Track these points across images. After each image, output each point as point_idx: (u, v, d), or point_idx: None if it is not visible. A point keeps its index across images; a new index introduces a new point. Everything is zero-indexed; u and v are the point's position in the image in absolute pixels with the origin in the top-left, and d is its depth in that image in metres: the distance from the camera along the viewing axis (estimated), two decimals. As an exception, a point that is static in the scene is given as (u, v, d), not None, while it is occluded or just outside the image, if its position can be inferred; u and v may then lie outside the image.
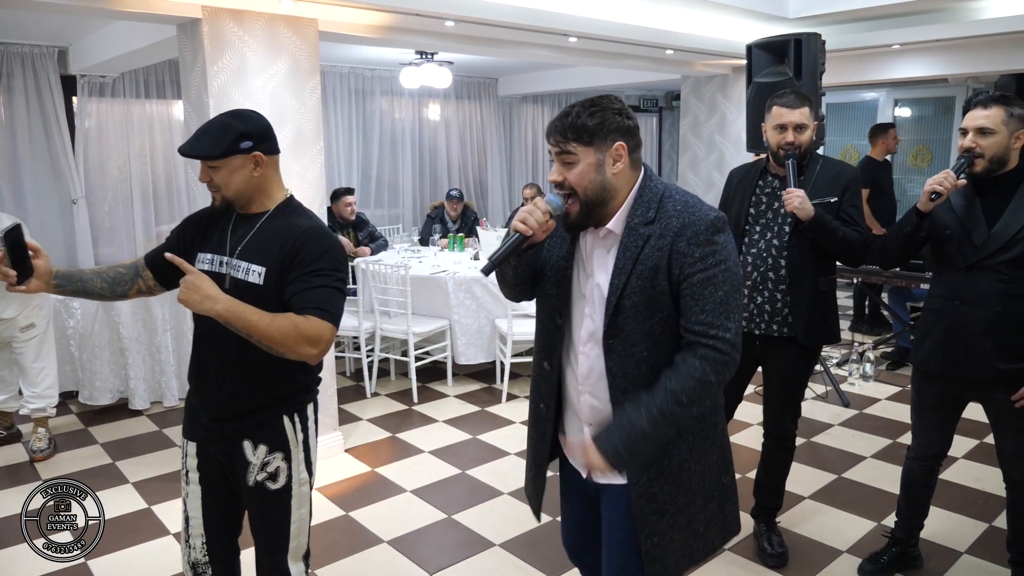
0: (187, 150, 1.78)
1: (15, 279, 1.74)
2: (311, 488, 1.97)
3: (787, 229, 2.63)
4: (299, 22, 3.57)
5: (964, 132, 2.35)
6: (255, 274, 1.78)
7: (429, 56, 6.33)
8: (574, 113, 1.55)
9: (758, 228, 2.70)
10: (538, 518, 1.92)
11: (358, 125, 7.53)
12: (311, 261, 1.75)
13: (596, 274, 1.63)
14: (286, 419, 1.87)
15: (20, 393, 4.06)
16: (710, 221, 1.53)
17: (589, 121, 1.53)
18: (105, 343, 4.48)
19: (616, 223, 1.60)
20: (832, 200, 2.61)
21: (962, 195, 2.40)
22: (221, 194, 1.82)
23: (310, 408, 1.95)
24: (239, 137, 1.77)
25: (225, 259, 1.84)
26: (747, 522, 3.09)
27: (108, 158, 5.92)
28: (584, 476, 1.75)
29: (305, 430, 1.92)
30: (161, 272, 1.95)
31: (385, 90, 7.65)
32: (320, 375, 1.99)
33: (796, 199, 2.50)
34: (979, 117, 2.30)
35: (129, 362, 4.49)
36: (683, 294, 1.53)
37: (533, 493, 1.88)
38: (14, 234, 1.73)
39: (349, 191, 5.88)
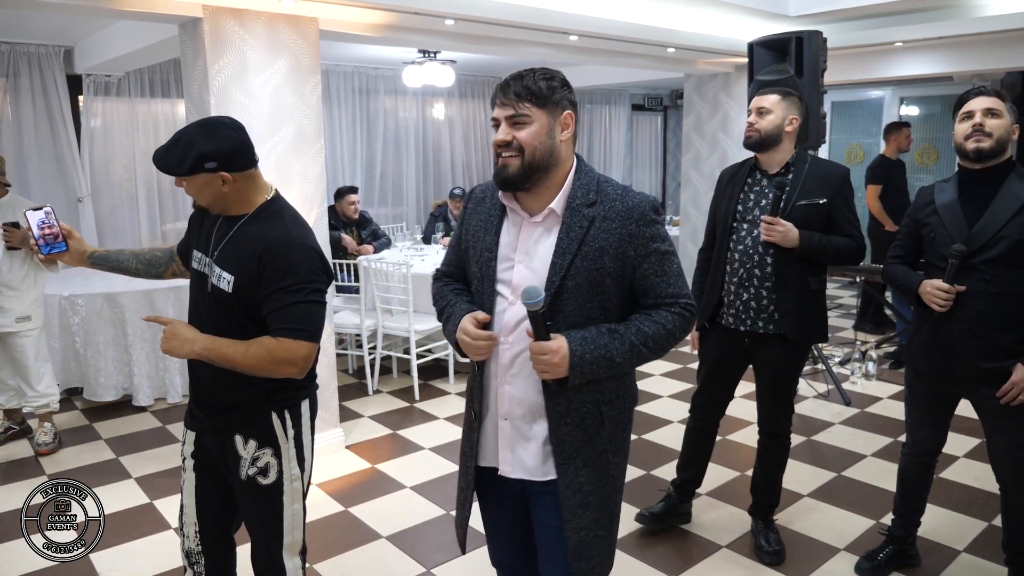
0: (156, 162, 1.77)
1: (39, 249, 1.93)
2: (305, 484, 1.97)
3: None
4: (300, 21, 3.59)
5: (968, 115, 2.32)
6: (225, 282, 1.78)
7: (432, 55, 6.35)
8: (529, 77, 1.55)
9: (745, 225, 2.71)
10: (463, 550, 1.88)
11: (362, 123, 7.55)
12: (280, 277, 1.72)
13: (531, 258, 1.61)
14: (275, 415, 1.87)
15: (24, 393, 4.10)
16: (651, 204, 1.60)
17: (543, 85, 1.55)
18: (109, 340, 4.52)
19: (558, 203, 1.60)
20: (821, 201, 2.61)
21: (946, 194, 2.41)
22: (195, 200, 1.86)
23: (305, 404, 1.94)
24: (201, 158, 1.72)
25: (207, 260, 1.85)
26: (745, 519, 3.11)
27: (113, 157, 5.97)
28: (510, 476, 1.70)
29: (297, 427, 1.91)
30: (185, 260, 2.02)
31: (389, 89, 7.67)
32: (315, 372, 1.98)
33: (778, 230, 2.55)
34: (985, 100, 2.30)
35: (133, 359, 4.53)
36: (645, 273, 1.60)
37: (462, 521, 1.82)
38: (38, 213, 1.92)
39: (353, 189, 5.90)
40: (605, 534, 1.67)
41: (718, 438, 3.15)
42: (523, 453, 1.67)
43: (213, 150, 1.73)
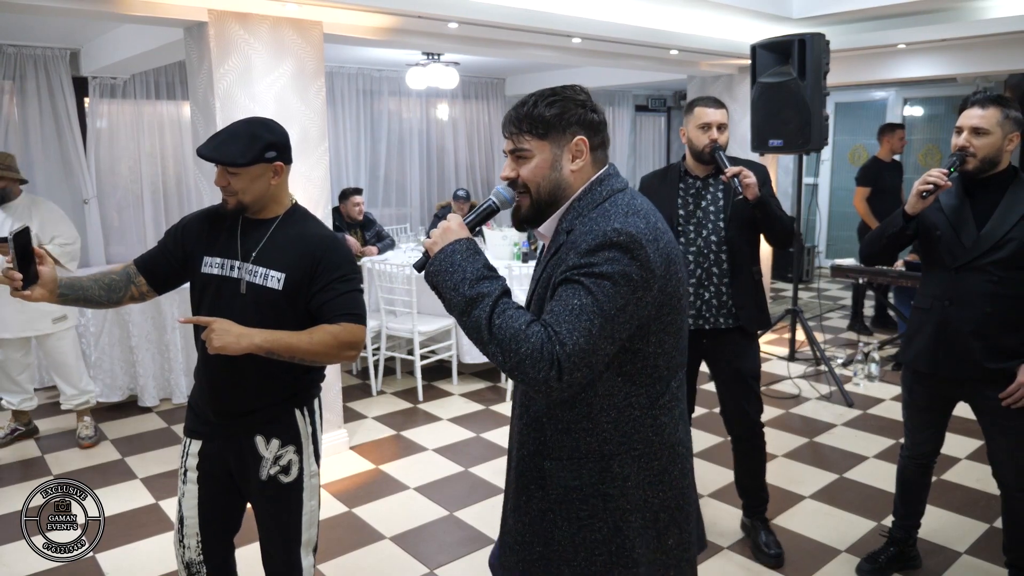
0: (211, 154, 1.78)
1: (20, 284, 1.70)
2: (319, 480, 2.02)
3: (722, 224, 2.74)
4: (304, 24, 3.61)
5: (959, 130, 2.35)
6: (274, 279, 1.83)
7: (435, 57, 6.37)
8: (531, 103, 1.40)
9: (691, 227, 2.79)
10: None
11: (366, 125, 7.57)
12: (334, 268, 1.84)
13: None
14: (297, 413, 1.93)
15: (32, 395, 4.15)
16: (603, 233, 1.30)
17: (546, 112, 1.38)
18: (115, 341, 4.55)
19: (547, 227, 1.46)
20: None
21: (952, 195, 2.41)
22: (237, 199, 1.84)
23: (316, 402, 2.01)
24: (267, 147, 1.81)
25: (238, 263, 1.86)
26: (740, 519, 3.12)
27: (119, 159, 5.99)
28: None
29: (313, 423, 1.97)
30: (154, 277, 1.95)
31: (393, 90, 7.69)
32: (324, 371, 2.05)
33: (751, 175, 2.63)
34: (975, 117, 2.30)
35: (138, 360, 4.56)
36: (555, 296, 1.33)
37: None
38: (22, 237, 1.69)
39: (357, 191, 5.92)
40: None
41: (717, 440, 3.16)
42: None
43: (275, 140, 1.84)
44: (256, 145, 1.80)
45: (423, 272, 1.41)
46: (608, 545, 1.41)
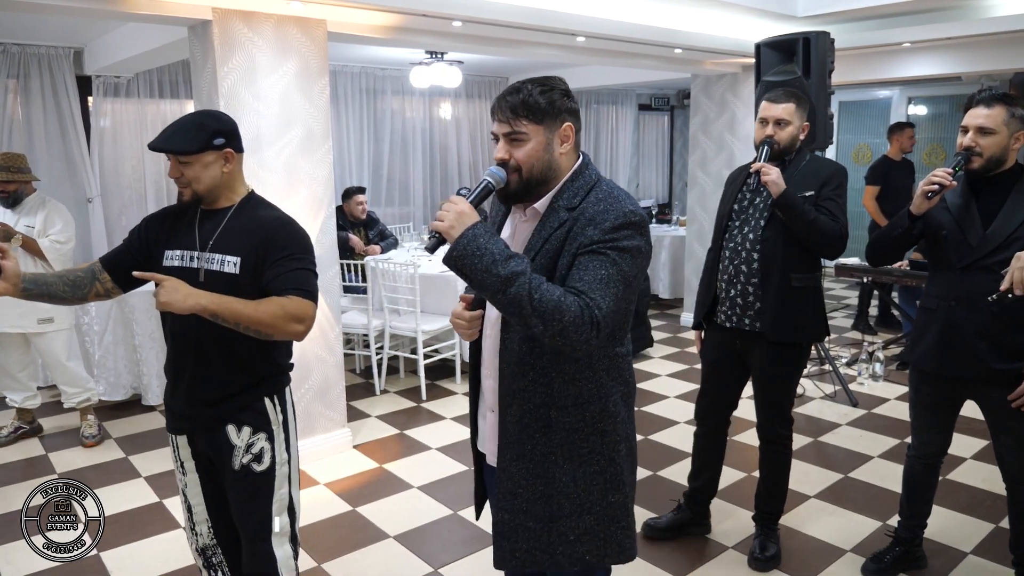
0: (161, 145, 1.84)
1: None
2: (292, 470, 2.03)
3: (763, 223, 2.66)
4: (308, 23, 3.61)
5: (964, 130, 2.34)
6: (231, 264, 1.87)
7: (439, 56, 6.36)
8: (526, 90, 1.52)
9: (738, 223, 2.74)
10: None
11: (369, 124, 7.57)
12: (283, 247, 1.86)
13: None
14: (267, 400, 1.96)
15: (35, 392, 4.15)
16: (623, 214, 1.51)
17: (541, 100, 1.52)
18: (119, 340, 4.55)
19: (542, 203, 1.60)
20: (807, 194, 2.64)
21: (958, 195, 2.40)
22: (191, 189, 1.88)
23: (287, 390, 2.04)
24: (214, 134, 1.86)
25: (196, 253, 1.91)
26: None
27: (123, 157, 6.00)
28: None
29: (284, 411, 2.00)
30: (119, 274, 1.97)
31: (396, 89, 7.68)
32: (292, 360, 2.08)
33: (773, 172, 2.55)
34: (980, 116, 2.29)
35: (142, 358, 4.56)
36: (576, 265, 1.49)
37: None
38: None
39: (360, 190, 5.92)
40: (537, 527, 1.63)
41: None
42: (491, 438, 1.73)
43: (222, 127, 1.89)
44: (203, 133, 1.84)
45: (444, 256, 1.48)
46: (604, 474, 1.64)
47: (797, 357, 2.73)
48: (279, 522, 1.99)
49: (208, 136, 1.85)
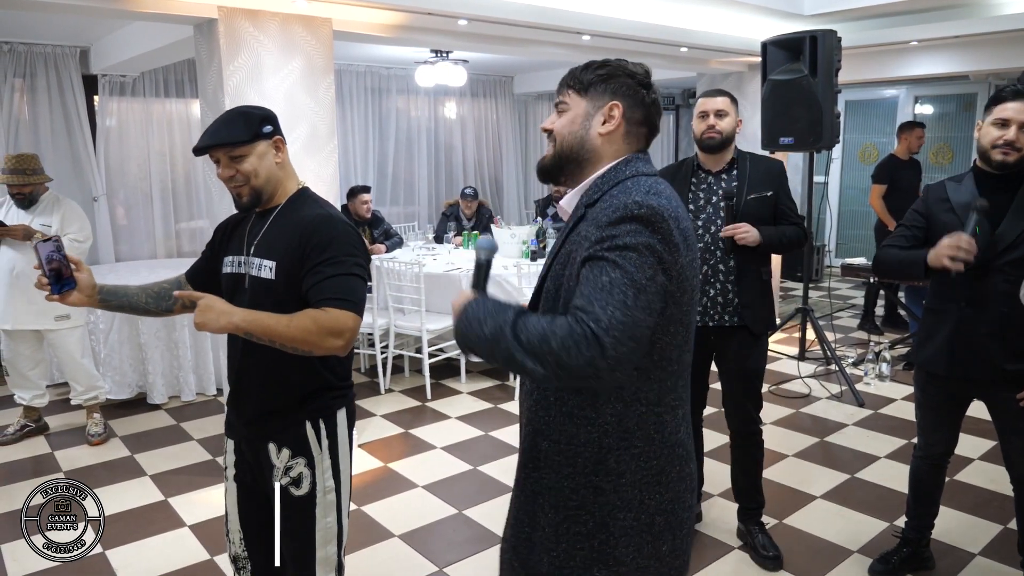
0: (210, 142, 1.73)
1: (48, 290, 1.72)
2: (341, 498, 1.87)
3: (726, 226, 2.73)
4: (313, 21, 3.61)
5: (1003, 123, 2.24)
6: (267, 269, 1.75)
7: (444, 55, 6.36)
8: (583, 65, 1.46)
9: (700, 223, 2.77)
10: None
11: (374, 123, 7.57)
12: (321, 250, 1.69)
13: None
14: (308, 424, 1.80)
15: (44, 391, 4.16)
16: (623, 205, 1.27)
17: (592, 74, 1.43)
18: (125, 338, 4.56)
19: (568, 200, 1.46)
20: (768, 194, 2.75)
21: (964, 194, 2.38)
22: (249, 186, 1.76)
23: (341, 413, 1.85)
24: (262, 121, 1.77)
25: (242, 258, 1.82)
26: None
27: (128, 156, 6.01)
28: None
29: (332, 436, 1.83)
30: (198, 285, 1.93)
31: (401, 88, 7.69)
32: (350, 373, 1.92)
33: (740, 229, 2.65)
34: (1022, 110, 2.21)
35: (148, 357, 4.57)
36: (580, 277, 1.28)
37: None
38: (47, 246, 1.73)
39: (365, 189, 5.92)
40: (520, 571, 1.46)
41: (723, 440, 3.14)
42: None
43: (267, 114, 1.81)
44: (251, 122, 1.75)
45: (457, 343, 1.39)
46: (591, 540, 1.36)
47: (767, 346, 2.88)
48: (323, 553, 1.84)
49: (257, 124, 1.75)
